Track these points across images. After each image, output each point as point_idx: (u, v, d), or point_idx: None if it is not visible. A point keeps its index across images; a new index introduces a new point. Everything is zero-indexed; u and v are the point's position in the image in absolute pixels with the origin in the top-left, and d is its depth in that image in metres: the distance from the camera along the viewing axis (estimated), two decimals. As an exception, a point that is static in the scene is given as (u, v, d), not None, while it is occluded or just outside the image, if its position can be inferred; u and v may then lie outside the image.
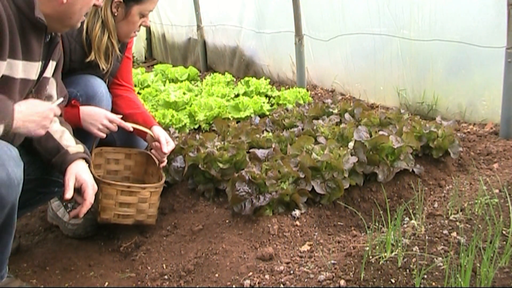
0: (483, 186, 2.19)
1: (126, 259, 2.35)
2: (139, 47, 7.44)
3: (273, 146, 2.70)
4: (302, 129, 3.07)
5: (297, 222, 2.21)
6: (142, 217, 2.36)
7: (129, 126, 2.39)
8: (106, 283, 2.17)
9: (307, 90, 4.37)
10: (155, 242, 2.37)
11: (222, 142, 2.75)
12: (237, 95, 4.41)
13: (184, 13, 6.37)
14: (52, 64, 1.94)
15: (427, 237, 1.78)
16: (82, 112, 2.31)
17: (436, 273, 1.56)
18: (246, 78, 4.72)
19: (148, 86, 4.92)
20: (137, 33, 2.54)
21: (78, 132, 2.19)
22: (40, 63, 1.84)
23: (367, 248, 1.70)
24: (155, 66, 5.90)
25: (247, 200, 2.22)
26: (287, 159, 2.45)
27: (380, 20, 3.85)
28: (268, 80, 4.76)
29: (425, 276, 1.54)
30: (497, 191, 2.16)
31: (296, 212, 2.26)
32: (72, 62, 2.37)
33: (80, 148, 2.00)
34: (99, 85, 2.43)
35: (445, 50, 3.47)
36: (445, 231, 1.83)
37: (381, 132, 2.68)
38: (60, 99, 1.98)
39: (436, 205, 2.24)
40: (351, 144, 2.61)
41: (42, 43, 1.82)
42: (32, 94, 1.86)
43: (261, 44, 5.21)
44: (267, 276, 1.82)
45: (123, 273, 2.24)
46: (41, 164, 1.97)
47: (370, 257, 1.67)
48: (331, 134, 2.82)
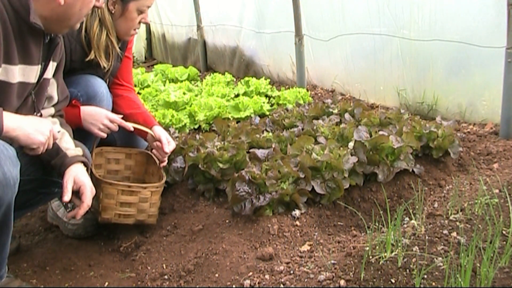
0: (483, 186, 2.19)
1: (126, 259, 2.35)
2: (139, 47, 7.44)
3: (273, 146, 2.70)
4: (302, 129, 3.06)
5: (297, 222, 2.21)
6: (143, 217, 2.37)
7: (130, 126, 2.39)
8: (106, 283, 2.17)
9: (307, 90, 4.36)
10: (155, 242, 2.37)
11: (222, 142, 2.75)
12: (237, 95, 4.41)
13: (184, 13, 6.37)
14: (52, 65, 1.94)
15: (427, 237, 1.78)
16: (82, 112, 2.31)
17: (436, 273, 1.56)
18: (246, 78, 4.71)
19: (148, 86, 4.92)
20: (137, 31, 2.52)
21: (78, 132, 2.19)
22: (40, 66, 1.84)
23: (367, 248, 1.70)
24: (155, 66, 5.90)
25: (247, 200, 2.22)
26: (287, 159, 2.45)
27: (380, 20, 3.85)
28: (268, 80, 4.75)
29: (425, 276, 1.54)
30: (497, 191, 2.16)
31: (296, 212, 2.26)
32: (72, 62, 2.37)
33: (79, 151, 2.00)
34: (99, 85, 2.43)
35: (445, 50, 3.47)
36: (445, 231, 1.83)
37: (381, 132, 2.68)
38: (56, 126, 1.98)
39: (436, 205, 2.24)
40: (351, 144, 2.61)
41: (41, 45, 1.82)
42: (32, 97, 1.86)
43: (261, 44, 5.21)
44: (267, 276, 1.82)
45: (123, 273, 2.24)
46: (42, 164, 1.97)
47: (370, 257, 1.67)
48: (331, 134, 2.83)
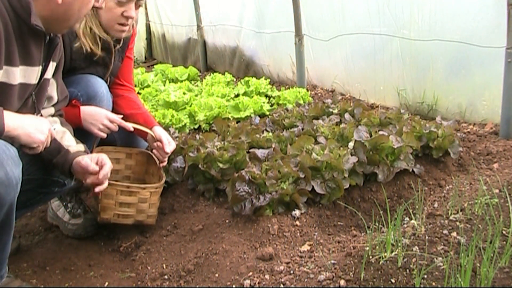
0: (483, 186, 2.19)
1: (126, 259, 2.35)
2: (139, 47, 7.44)
3: (273, 146, 2.70)
4: (302, 129, 3.07)
5: (297, 222, 2.21)
6: (142, 217, 2.37)
7: (130, 126, 2.39)
8: (106, 283, 2.17)
9: (307, 90, 4.37)
10: (155, 242, 2.37)
11: (222, 142, 2.75)
12: (237, 95, 4.41)
13: (184, 13, 6.37)
14: (52, 65, 1.94)
15: (427, 237, 1.78)
16: (82, 112, 2.31)
17: (436, 273, 1.56)
18: (246, 78, 4.72)
19: (148, 86, 4.92)
20: (126, 28, 2.38)
21: (78, 132, 2.19)
22: (41, 67, 1.84)
23: (367, 248, 1.70)
24: (155, 66, 5.91)
25: (247, 200, 2.22)
26: (287, 159, 2.45)
27: (380, 20, 3.85)
28: (268, 80, 4.76)
29: (425, 276, 1.54)
30: (497, 191, 2.16)
31: (296, 212, 2.26)
32: (72, 60, 2.36)
33: (80, 148, 2.02)
34: (99, 85, 2.43)
35: (445, 50, 3.47)
36: (445, 231, 1.83)
37: (381, 132, 2.68)
38: (57, 124, 1.99)
39: (436, 205, 2.24)
40: (351, 144, 2.61)
41: (42, 46, 1.82)
42: (32, 97, 1.86)
43: (261, 44, 5.21)
44: (267, 276, 1.82)
45: (123, 273, 2.24)
46: (42, 164, 1.98)
47: (370, 257, 1.67)
48: (331, 134, 2.83)
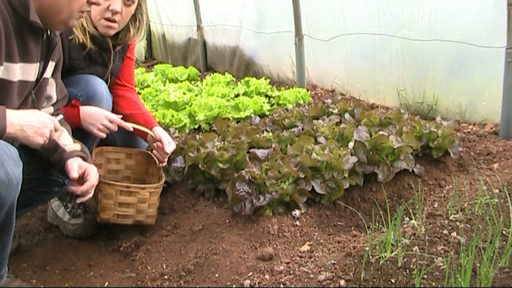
0: (483, 186, 2.19)
1: (126, 259, 2.35)
2: (139, 47, 7.43)
3: (273, 146, 2.70)
4: (302, 129, 3.06)
5: (297, 222, 2.21)
6: (142, 217, 2.37)
7: (129, 126, 2.39)
8: (106, 283, 2.17)
9: (307, 90, 4.37)
10: (155, 242, 2.37)
11: (222, 142, 2.74)
12: (237, 95, 4.41)
13: (184, 13, 6.37)
14: (51, 65, 1.94)
15: (427, 237, 1.78)
16: (82, 112, 2.31)
17: (436, 273, 1.56)
18: (246, 78, 4.72)
19: (148, 86, 4.92)
20: (113, 25, 2.30)
21: (78, 131, 2.19)
22: (39, 64, 1.84)
23: (367, 248, 1.70)
24: (155, 66, 5.90)
25: (247, 200, 2.22)
26: (287, 159, 2.45)
27: (380, 20, 3.85)
28: (268, 80, 4.76)
29: (425, 276, 1.54)
30: (497, 191, 2.16)
31: (296, 212, 2.26)
32: (71, 60, 2.36)
33: (77, 147, 2.01)
34: (99, 85, 2.43)
35: (445, 50, 3.47)
36: (445, 231, 1.83)
37: (381, 132, 2.68)
38: (60, 116, 1.99)
39: (436, 205, 2.24)
40: (351, 144, 2.61)
41: (40, 43, 1.82)
42: (32, 96, 1.86)
43: (261, 44, 5.21)
44: (267, 276, 1.81)
45: (123, 273, 2.24)
46: (41, 163, 1.97)
47: (370, 257, 1.67)
48: (331, 134, 2.82)
